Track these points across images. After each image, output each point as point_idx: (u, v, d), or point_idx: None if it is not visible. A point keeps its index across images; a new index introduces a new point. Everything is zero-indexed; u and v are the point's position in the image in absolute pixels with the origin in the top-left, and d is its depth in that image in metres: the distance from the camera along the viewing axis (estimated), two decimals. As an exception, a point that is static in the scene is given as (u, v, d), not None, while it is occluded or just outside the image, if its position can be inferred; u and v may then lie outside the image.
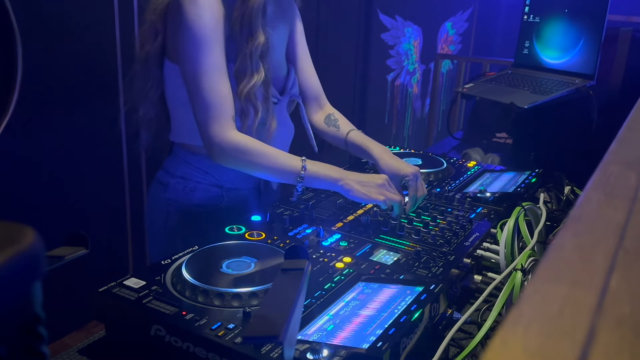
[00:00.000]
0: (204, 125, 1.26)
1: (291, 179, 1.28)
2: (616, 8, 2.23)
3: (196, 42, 1.23)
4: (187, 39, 1.24)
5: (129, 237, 2.12)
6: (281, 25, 1.43)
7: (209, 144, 1.27)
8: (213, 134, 1.25)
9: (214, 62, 1.25)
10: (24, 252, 0.35)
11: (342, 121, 1.56)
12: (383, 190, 1.28)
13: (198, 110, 1.26)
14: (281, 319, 0.61)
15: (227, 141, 1.25)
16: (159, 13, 1.31)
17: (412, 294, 0.98)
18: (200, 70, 1.24)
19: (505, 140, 2.46)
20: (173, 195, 1.40)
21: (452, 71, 4.50)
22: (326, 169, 1.30)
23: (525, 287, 1.01)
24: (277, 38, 1.40)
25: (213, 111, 1.25)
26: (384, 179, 1.30)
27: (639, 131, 0.73)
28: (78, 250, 0.67)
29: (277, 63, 1.42)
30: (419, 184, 1.35)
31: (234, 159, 1.27)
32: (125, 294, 0.95)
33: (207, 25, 1.23)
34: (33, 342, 0.37)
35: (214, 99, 1.25)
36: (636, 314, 0.32)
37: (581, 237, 0.41)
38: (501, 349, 0.28)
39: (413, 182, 1.33)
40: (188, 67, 1.26)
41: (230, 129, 1.26)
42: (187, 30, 1.23)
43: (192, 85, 1.26)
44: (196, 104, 1.26)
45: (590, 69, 2.12)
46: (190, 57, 1.25)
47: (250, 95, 1.28)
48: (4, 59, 1.54)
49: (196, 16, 1.22)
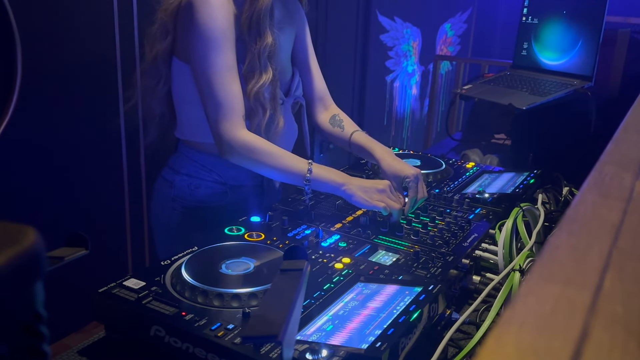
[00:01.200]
0: (215, 123, 1.29)
1: (297, 181, 1.32)
2: (614, 9, 2.23)
3: (208, 43, 1.26)
4: (199, 40, 1.27)
5: (128, 237, 2.12)
6: (288, 27, 1.45)
7: (219, 141, 1.30)
8: (223, 131, 1.28)
9: (226, 62, 1.28)
10: (26, 251, 0.35)
11: (346, 122, 1.58)
12: (384, 196, 1.30)
13: (209, 109, 1.30)
14: (280, 319, 0.62)
15: (236, 139, 1.29)
16: (170, 13, 1.33)
17: (411, 294, 0.99)
18: (212, 70, 1.27)
19: (503, 141, 2.46)
20: (178, 192, 1.43)
21: (450, 72, 4.50)
22: (331, 173, 1.33)
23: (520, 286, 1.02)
24: (283, 40, 1.42)
25: (224, 110, 1.28)
26: (386, 185, 1.32)
27: (634, 132, 0.73)
28: (78, 251, 0.67)
29: (283, 65, 1.44)
30: (420, 185, 1.36)
31: (242, 157, 1.31)
32: (125, 294, 0.95)
33: (219, 26, 1.26)
34: (35, 341, 0.38)
35: (226, 98, 1.28)
36: (629, 313, 0.32)
37: (576, 237, 0.42)
38: (495, 347, 0.29)
39: (413, 183, 1.35)
40: (200, 67, 1.29)
41: (241, 127, 1.30)
42: (199, 31, 1.26)
43: (204, 84, 1.29)
44: (208, 103, 1.30)
45: (588, 70, 2.12)
46: (202, 57, 1.27)
47: (259, 95, 1.31)
48: (4, 60, 1.54)
49: (208, 17, 1.25)
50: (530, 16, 2.37)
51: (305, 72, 1.55)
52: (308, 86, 1.56)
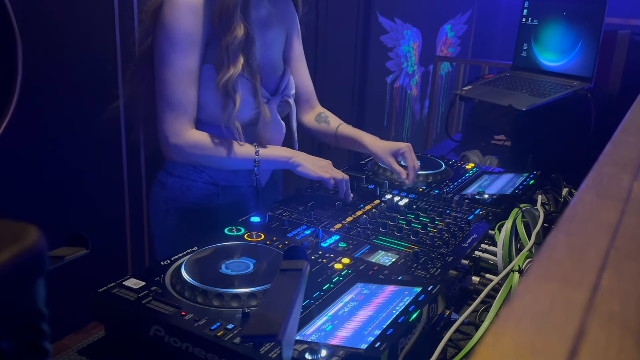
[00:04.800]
0: (163, 124, 1.32)
1: (248, 165, 1.39)
2: (614, 11, 2.24)
3: (170, 43, 1.28)
4: (162, 39, 1.29)
5: (128, 237, 2.12)
6: (276, 26, 1.45)
7: (165, 141, 1.33)
8: (171, 133, 1.31)
9: (186, 65, 1.29)
10: (28, 249, 0.35)
11: (332, 117, 1.62)
12: (328, 169, 1.42)
13: (161, 108, 1.32)
14: (280, 319, 0.62)
15: (185, 140, 1.32)
16: (151, 15, 1.34)
17: (410, 294, 0.99)
18: (170, 70, 1.29)
19: (503, 142, 2.47)
20: (171, 193, 1.44)
21: (451, 73, 4.50)
22: (278, 150, 1.43)
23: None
24: (271, 38, 1.43)
25: (175, 112, 1.31)
26: (329, 162, 1.45)
27: (633, 134, 0.74)
28: (78, 251, 0.67)
29: (271, 63, 1.44)
30: (413, 156, 1.51)
31: (191, 155, 1.35)
32: (124, 294, 0.95)
33: (184, 28, 1.28)
34: (36, 338, 0.38)
35: (180, 100, 1.30)
36: (626, 312, 0.33)
37: (574, 237, 0.42)
38: (492, 345, 0.29)
39: (409, 153, 1.49)
40: (159, 66, 1.31)
41: (190, 128, 1.33)
42: (164, 31, 1.28)
43: (160, 83, 1.31)
44: (160, 102, 1.32)
45: (588, 71, 2.13)
46: (163, 56, 1.30)
47: (228, 87, 1.31)
48: (5, 60, 1.54)
49: (174, 19, 1.27)
50: (530, 17, 2.37)
51: (292, 73, 1.54)
52: (295, 88, 1.56)
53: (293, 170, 1.42)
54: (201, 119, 1.36)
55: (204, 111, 1.36)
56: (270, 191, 1.57)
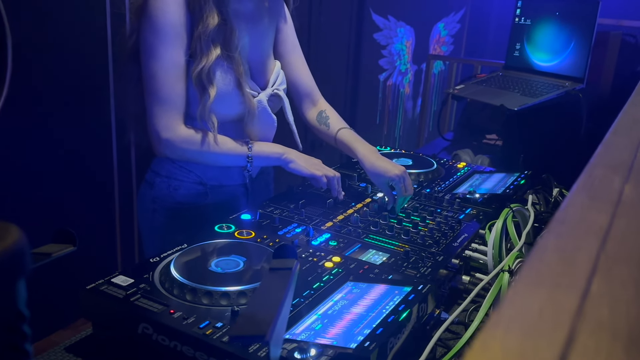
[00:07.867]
0: (153, 119, 1.30)
1: (241, 161, 1.37)
2: (607, 12, 2.24)
3: (158, 36, 1.26)
4: (149, 32, 1.27)
5: (117, 234, 2.11)
6: (264, 20, 1.42)
7: (157, 137, 1.31)
8: (162, 128, 1.30)
9: (174, 58, 1.28)
10: (8, 249, 0.34)
11: (333, 119, 1.55)
12: (319, 166, 1.42)
13: (150, 103, 1.30)
14: (268, 319, 0.61)
15: (176, 136, 1.30)
16: (135, 12, 1.33)
17: (401, 294, 0.99)
18: (158, 64, 1.27)
19: (495, 142, 2.47)
20: (158, 193, 1.42)
21: (443, 72, 4.51)
22: (270, 146, 1.42)
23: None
24: (259, 33, 1.41)
25: (165, 106, 1.29)
26: (319, 160, 1.45)
27: (624, 135, 0.74)
28: (66, 248, 0.67)
29: (260, 57, 1.42)
30: (407, 184, 1.39)
31: (183, 150, 1.33)
32: (113, 291, 0.95)
33: (170, 20, 1.26)
34: (17, 339, 0.37)
35: (169, 94, 1.29)
36: (615, 317, 0.32)
37: (564, 240, 0.42)
38: (481, 351, 0.29)
39: (398, 184, 1.38)
40: (146, 60, 1.29)
41: (180, 123, 1.31)
42: (150, 24, 1.26)
43: (148, 78, 1.29)
44: (149, 97, 1.30)
45: (580, 72, 2.13)
46: (150, 50, 1.28)
47: (202, 78, 1.29)
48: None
49: (160, 10, 1.26)
50: (523, 17, 2.37)
51: (288, 66, 1.52)
52: (293, 81, 1.53)
53: (285, 167, 1.41)
54: (190, 113, 1.35)
55: (192, 106, 1.34)
56: (262, 189, 1.56)
